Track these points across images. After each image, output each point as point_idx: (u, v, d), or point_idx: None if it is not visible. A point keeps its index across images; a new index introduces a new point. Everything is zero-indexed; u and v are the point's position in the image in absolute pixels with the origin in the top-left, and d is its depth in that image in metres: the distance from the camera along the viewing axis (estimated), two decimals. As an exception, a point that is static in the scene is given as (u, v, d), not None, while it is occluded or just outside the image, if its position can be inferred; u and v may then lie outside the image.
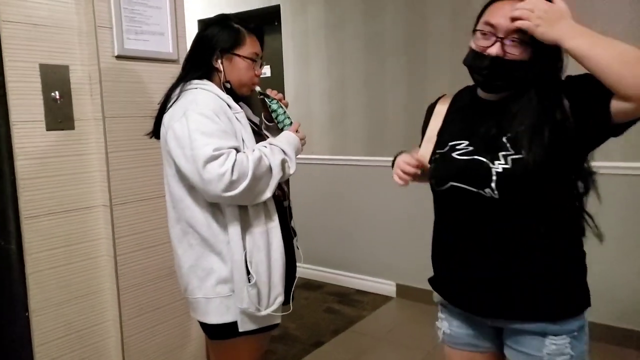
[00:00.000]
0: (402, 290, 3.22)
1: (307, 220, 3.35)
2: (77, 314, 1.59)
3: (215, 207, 1.29)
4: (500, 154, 1.00)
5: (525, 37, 0.98)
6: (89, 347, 1.63)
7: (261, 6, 3.61)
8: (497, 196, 1.01)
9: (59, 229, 1.54)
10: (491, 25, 1.01)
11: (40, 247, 1.50)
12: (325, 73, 3.39)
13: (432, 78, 2.90)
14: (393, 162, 1.24)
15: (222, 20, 1.39)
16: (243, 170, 1.20)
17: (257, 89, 1.45)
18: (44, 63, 1.50)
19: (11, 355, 1.49)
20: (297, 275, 1.49)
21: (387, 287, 3.29)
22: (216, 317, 1.32)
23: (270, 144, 1.33)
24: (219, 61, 1.36)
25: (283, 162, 1.31)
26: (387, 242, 3.25)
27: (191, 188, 1.29)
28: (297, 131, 1.42)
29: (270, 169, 1.27)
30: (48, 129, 1.51)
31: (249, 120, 1.41)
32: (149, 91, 1.71)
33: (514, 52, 0.99)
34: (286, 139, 1.37)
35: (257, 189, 1.26)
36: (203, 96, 1.29)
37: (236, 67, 1.37)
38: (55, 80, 1.53)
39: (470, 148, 1.07)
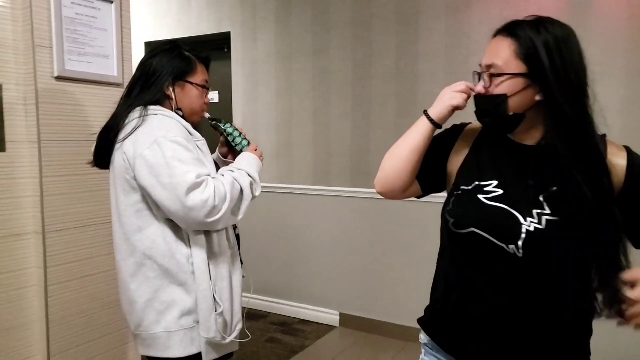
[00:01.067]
0: (345, 319, 3.23)
1: (251, 248, 3.31)
2: (6, 347, 1.48)
3: (179, 237, 1.27)
4: (535, 211, 0.92)
5: (505, 68, 0.93)
6: (12, 385, 1.52)
7: (211, 32, 3.63)
8: (520, 255, 0.92)
9: (-17, 258, 1.45)
10: (480, 66, 0.99)
11: (-39, 276, 1.40)
12: (274, 103, 3.43)
13: (377, 114, 3.01)
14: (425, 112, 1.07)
15: (174, 48, 1.39)
16: (222, 195, 1.22)
17: (207, 115, 1.45)
18: (-24, 81, 1.43)
19: None
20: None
21: (330, 316, 3.29)
22: (180, 351, 1.28)
23: (237, 169, 1.34)
24: (171, 88, 1.35)
25: (251, 185, 1.33)
26: (331, 271, 3.26)
27: (156, 217, 1.26)
28: (255, 150, 1.44)
29: (241, 191, 1.29)
30: (-24, 151, 1.43)
31: None
32: (90, 115, 1.66)
33: (498, 88, 0.94)
34: (248, 161, 1.39)
35: (233, 212, 1.27)
36: (170, 123, 1.27)
37: (188, 95, 1.37)
38: (-13, 100, 1.46)
39: (500, 192, 0.97)
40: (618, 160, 0.94)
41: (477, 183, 1.00)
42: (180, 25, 3.75)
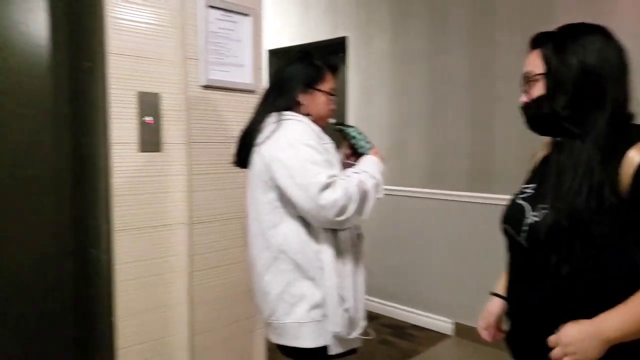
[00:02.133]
0: (460, 329, 3.13)
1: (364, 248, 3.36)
2: (156, 323, 1.69)
3: (310, 234, 1.37)
4: (540, 204, 0.99)
5: (534, 70, 0.98)
6: (163, 356, 1.72)
7: (327, 37, 3.76)
8: (525, 246, 1.01)
9: (143, 243, 1.66)
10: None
11: (127, 258, 1.62)
12: (388, 105, 3.45)
13: (501, 116, 2.88)
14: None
15: (306, 58, 1.49)
16: (350, 196, 1.30)
17: (332, 120, 1.53)
18: (141, 91, 1.65)
19: (98, 354, 1.60)
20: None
21: (444, 324, 3.21)
22: (308, 341, 1.37)
23: (362, 171, 1.41)
24: (302, 95, 1.45)
25: (376, 186, 1.39)
26: (445, 277, 3.19)
27: (291, 215, 1.37)
28: (376, 153, 1.50)
29: (366, 192, 1.35)
30: (140, 151, 1.65)
31: None
32: (229, 120, 1.83)
33: (533, 92, 0.99)
34: (372, 164, 1.45)
35: (359, 212, 1.34)
36: (302, 128, 1.38)
37: (316, 102, 1.47)
38: (148, 107, 1.68)
39: (531, 191, 1.06)
40: (635, 156, 0.89)
41: (521, 186, 1.11)
42: (299, 33, 3.94)
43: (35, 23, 1.52)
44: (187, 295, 1.73)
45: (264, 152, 1.38)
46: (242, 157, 1.49)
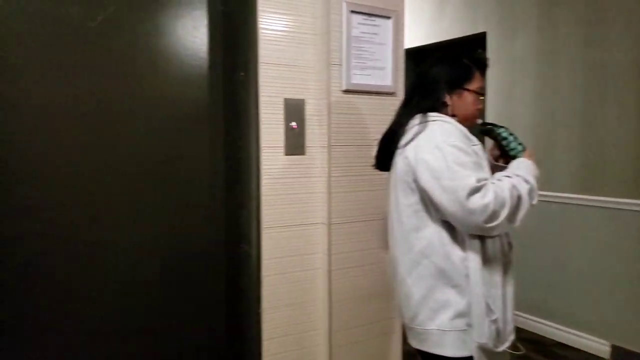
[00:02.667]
0: (619, 353, 2.78)
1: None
2: (296, 318, 1.78)
3: (454, 240, 1.33)
4: None
5: None
6: (302, 350, 1.80)
7: (464, 34, 3.60)
8: None
9: (287, 241, 1.76)
10: None
11: (272, 254, 1.73)
12: (533, 102, 3.19)
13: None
14: None
15: (453, 57, 1.45)
16: (501, 201, 1.24)
17: (479, 121, 1.46)
18: (287, 97, 1.75)
19: (245, 344, 1.74)
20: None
21: (598, 345, 2.88)
22: (453, 350, 1.34)
23: (515, 174, 1.33)
24: (448, 95, 1.41)
25: (530, 192, 1.31)
26: (599, 293, 2.85)
27: (434, 218, 1.34)
28: (530, 155, 1.40)
29: (519, 198, 1.28)
30: (286, 154, 1.75)
31: None
32: (369, 122, 1.85)
33: None
34: (525, 167, 1.36)
35: (510, 220, 1.27)
36: (449, 128, 1.34)
37: (464, 102, 1.42)
38: (294, 112, 1.77)
39: None
40: None
41: None
42: (432, 30, 3.83)
43: (197, 38, 1.69)
44: (326, 293, 1.79)
45: (408, 153, 1.36)
46: (384, 160, 1.49)
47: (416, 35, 3.98)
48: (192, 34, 1.69)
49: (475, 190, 1.22)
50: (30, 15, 1.43)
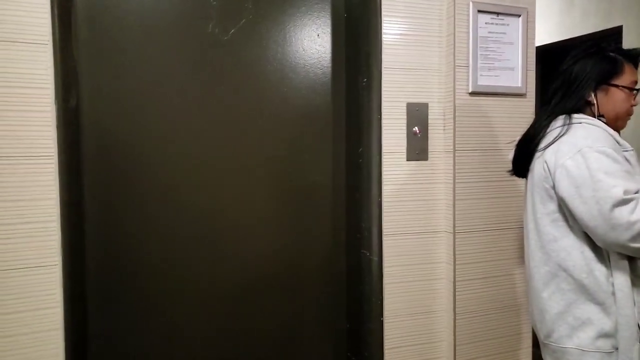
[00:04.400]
0: None
1: None
2: (419, 328, 1.74)
3: (598, 254, 1.21)
4: None
5: None
6: (424, 361, 1.76)
7: (596, 30, 3.29)
8: None
9: (408, 249, 1.72)
10: None
11: (394, 262, 1.70)
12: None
13: None
14: None
15: (597, 51, 1.32)
16: None
17: None
18: (410, 102, 1.71)
19: (368, 352, 1.74)
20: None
21: None
22: None
23: None
24: (593, 94, 1.29)
25: None
26: None
27: (574, 229, 1.23)
28: None
29: None
30: (407, 159, 1.72)
31: None
32: (497, 126, 1.75)
33: None
34: None
35: None
36: (597, 132, 1.22)
37: (612, 99, 1.28)
38: (416, 117, 1.73)
39: None
40: None
41: None
42: (560, 26, 3.55)
43: (321, 46, 1.73)
44: (451, 304, 1.72)
45: (547, 158, 1.26)
46: (521, 165, 1.40)
47: (541, 32, 3.72)
48: (317, 42, 1.73)
49: (622, 203, 1.10)
50: (175, 33, 1.57)
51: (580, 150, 1.18)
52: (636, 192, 1.13)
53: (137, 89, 1.54)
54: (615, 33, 3.15)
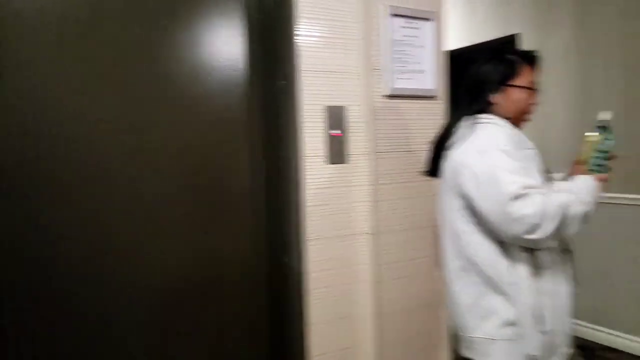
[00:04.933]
0: (670, 356, 2.66)
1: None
2: (345, 332, 1.73)
3: (502, 246, 1.27)
4: None
5: None
6: (351, 365, 1.75)
7: (495, 37, 3.51)
8: None
9: (331, 253, 1.71)
10: None
11: (317, 267, 1.68)
12: (570, 105, 3.09)
13: None
14: None
15: (495, 54, 1.39)
16: (548, 215, 1.16)
17: (602, 116, 1.34)
18: (329, 104, 1.70)
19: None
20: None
21: (644, 348, 2.76)
22: (499, 359, 1.28)
23: (574, 192, 1.24)
24: (494, 96, 1.35)
25: (584, 215, 1.22)
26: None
27: (479, 225, 1.28)
28: (603, 180, 1.30)
29: (570, 218, 1.20)
30: (328, 163, 1.70)
31: None
32: (413, 128, 1.79)
33: None
34: (589, 187, 1.26)
35: (554, 236, 1.20)
36: (498, 131, 1.29)
37: (512, 99, 1.35)
38: (335, 120, 1.72)
39: None
40: None
41: None
42: (462, 33, 3.75)
43: (235, 48, 1.66)
44: (374, 306, 1.73)
45: (455, 157, 1.32)
46: (435, 165, 1.43)
47: (451, 38, 3.90)
48: (231, 44, 1.66)
49: (518, 197, 1.16)
50: (94, 37, 1.42)
51: (482, 149, 1.24)
52: (532, 188, 1.19)
53: (34, 90, 1.37)
54: (513, 40, 3.38)
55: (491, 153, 1.22)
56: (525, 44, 3.33)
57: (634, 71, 2.75)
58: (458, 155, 1.31)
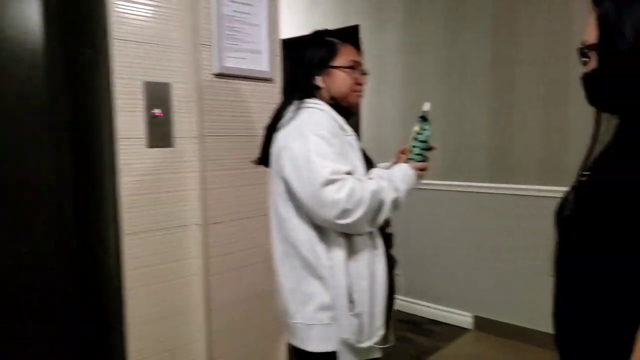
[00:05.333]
0: (480, 322, 3.03)
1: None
2: (171, 332, 1.57)
3: (320, 231, 1.25)
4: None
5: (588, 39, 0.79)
6: (179, 367, 1.60)
7: (338, 26, 3.59)
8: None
9: (155, 247, 1.53)
10: None
11: (137, 263, 1.49)
12: (401, 95, 3.30)
13: (521, 102, 2.74)
14: None
15: (315, 37, 1.37)
16: (358, 200, 1.16)
17: (426, 107, 1.36)
18: (148, 80, 1.51)
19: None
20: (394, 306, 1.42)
21: (462, 318, 3.11)
22: (316, 345, 1.26)
23: (389, 179, 1.26)
24: (319, 78, 1.32)
25: (394, 201, 1.25)
26: (464, 270, 3.08)
27: (298, 209, 1.25)
28: (421, 169, 1.34)
29: (382, 204, 1.22)
30: (149, 146, 1.52)
31: None
32: (248, 111, 1.69)
33: (589, 65, 0.80)
34: (403, 176, 1.29)
35: (367, 221, 1.21)
36: (319, 116, 1.26)
37: (336, 81, 1.33)
38: (157, 98, 1.53)
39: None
40: None
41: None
42: (306, 21, 3.77)
43: (29, 7, 1.37)
44: (204, 300, 1.60)
45: (277, 141, 1.29)
46: (265, 153, 1.36)
47: (292, 25, 3.89)
48: (21, 10, 1.36)
49: (330, 182, 1.16)
50: None
51: (302, 133, 1.22)
52: (346, 174, 1.19)
53: None
54: (354, 31, 3.50)
55: (308, 137, 1.20)
56: (364, 36, 3.46)
57: (455, 66, 3.03)
58: (280, 138, 1.28)
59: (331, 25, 3.63)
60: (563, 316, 0.84)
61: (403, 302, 3.38)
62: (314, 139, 1.20)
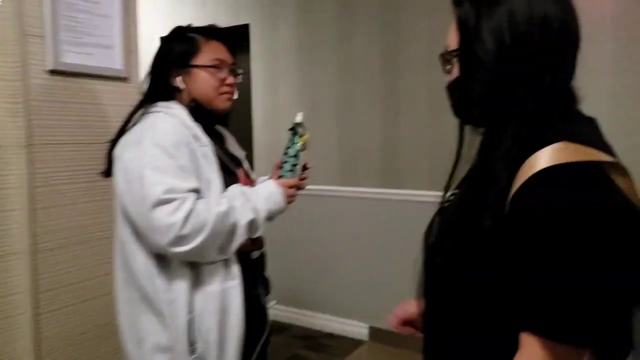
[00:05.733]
0: (375, 333, 2.98)
1: (271, 253, 3.08)
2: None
3: (160, 258, 1.05)
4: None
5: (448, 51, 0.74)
6: None
7: (229, 25, 3.40)
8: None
9: (-37, 283, 1.24)
10: None
11: None
12: (295, 97, 3.18)
13: (407, 108, 2.74)
14: None
15: (175, 33, 1.18)
16: (199, 225, 0.99)
17: (299, 118, 1.23)
18: (-45, 76, 1.22)
19: None
20: (266, 335, 1.25)
21: (359, 329, 3.04)
22: None
23: (246, 198, 1.09)
24: (179, 78, 1.13)
25: (251, 224, 1.08)
26: (359, 279, 3.01)
27: (135, 231, 1.05)
28: (291, 187, 1.19)
29: (234, 228, 1.05)
30: (-45, 157, 1.22)
31: (227, 154, 1.20)
32: (94, 113, 1.44)
33: (453, 72, 0.74)
34: (267, 195, 1.14)
35: (215, 249, 1.03)
36: (164, 123, 1.07)
37: (197, 81, 1.15)
38: (-32, 98, 1.25)
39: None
40: (518, 182, 0.60)
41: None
42: (196, 20, 3.52)
43: None
44: (32, 344, 1.33)
45: (115, 150, 1.09)
46: (109, 163, 1.14)
47: (177, 22, 3.61)
48: None
49: (162, 202, 0.98)
50: None
51: (139, 142, 1.04)
52: (188, 192, 1.01)
53: None
54: (244, 29, 3.32)
55: (145, 147, 1.02)
56: (254, 35, 3.31)
57: (346, 70, 2.97)
58: (118, 147, 1.09)
59: (221, 23, 3.41)
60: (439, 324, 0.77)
61: (298, 316, 3.25)
62: (151, 149, 1.01)
